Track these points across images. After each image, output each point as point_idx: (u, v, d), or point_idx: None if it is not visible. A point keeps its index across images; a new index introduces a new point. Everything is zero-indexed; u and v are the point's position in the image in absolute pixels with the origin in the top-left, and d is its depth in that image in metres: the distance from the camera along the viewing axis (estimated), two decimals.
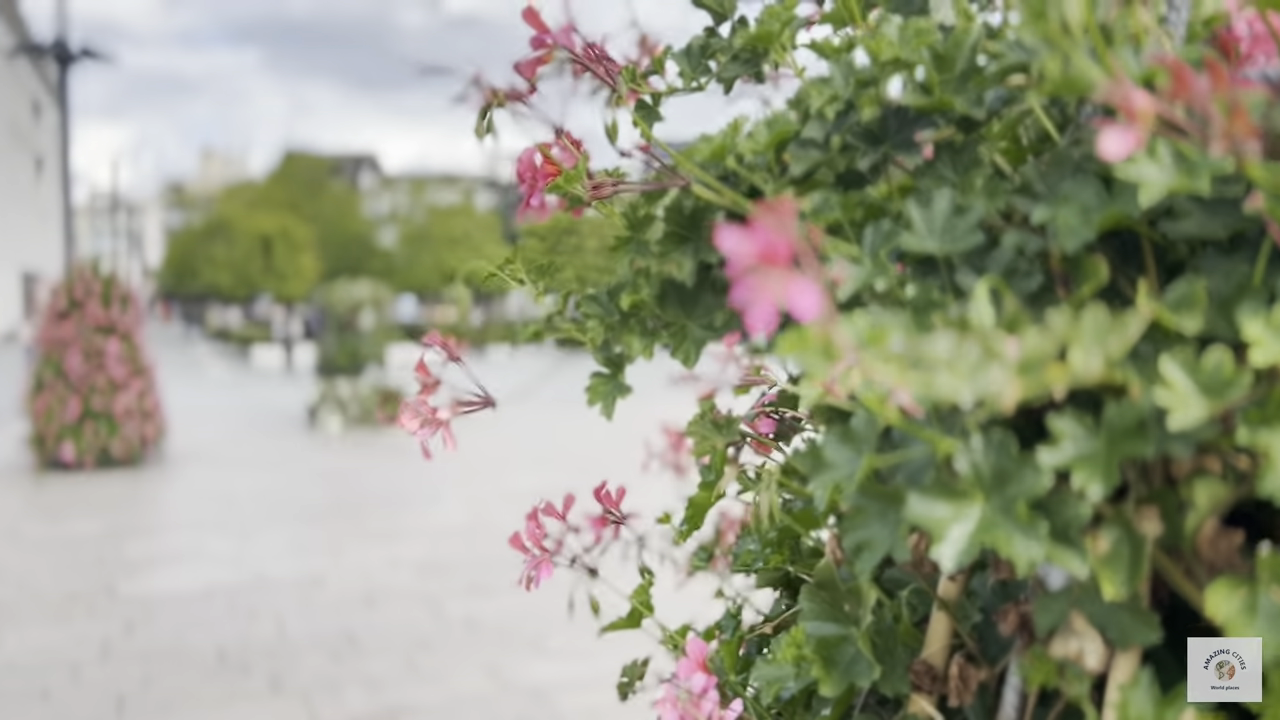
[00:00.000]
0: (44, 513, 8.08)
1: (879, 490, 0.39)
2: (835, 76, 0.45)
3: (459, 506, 8.35)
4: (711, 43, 0.52)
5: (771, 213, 0.27)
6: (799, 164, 0.44)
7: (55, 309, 9.83)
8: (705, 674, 0.51)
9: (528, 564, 0.70)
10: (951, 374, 0.28)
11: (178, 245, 50.09)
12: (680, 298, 0.49)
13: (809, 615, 0.49)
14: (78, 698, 4.33)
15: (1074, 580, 0.41)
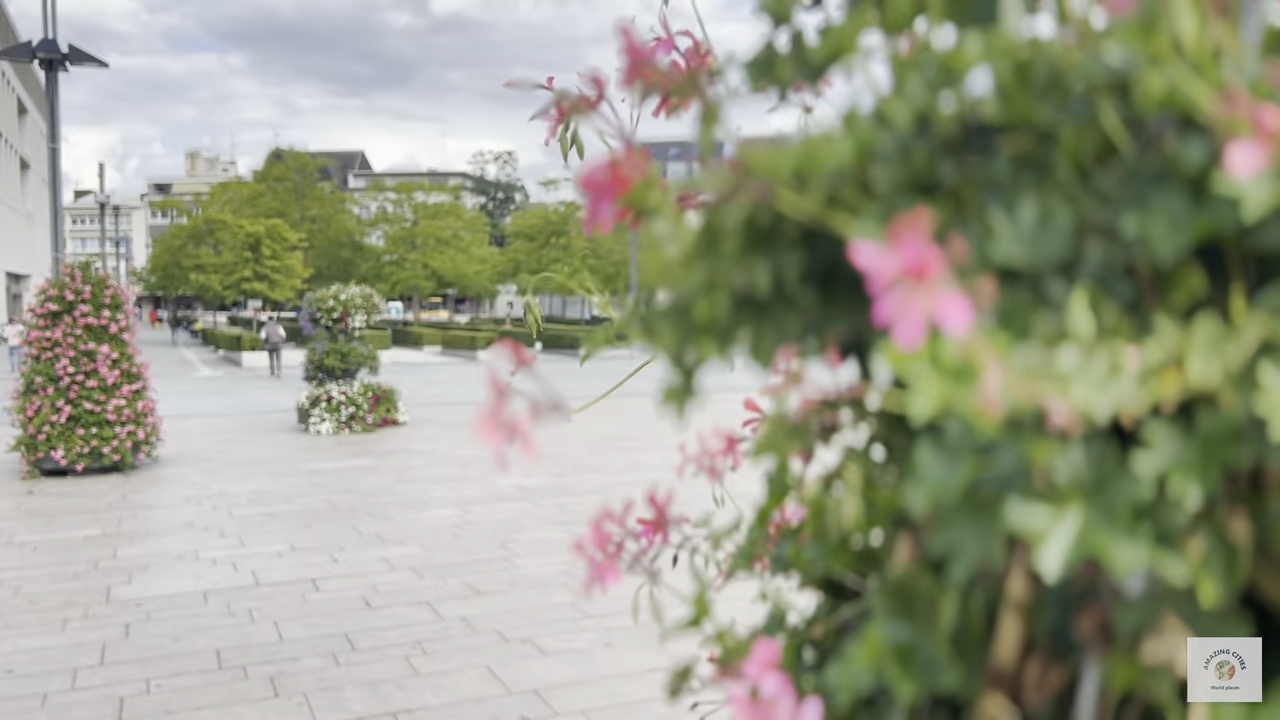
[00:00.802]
0: (36, 517, 8.04)
1: (974, 497, 0.40)
2: (912, 87, 0.46)
3: (450, 508, 8.34)
4: (775, 51, 0.53)
5: (910, 227, 0.28)
6: (883, 174, 0.45)
7: (45, 311, 9.76)
8: (778, 675, 0.51)
9: (591, 570, 0.69)
10: (1085, 386, 0.29)
11: (164, 248, 49.87)
12: (754, 307, 0.50)
13: (883, 617, 0.49)
14: (77, 702, 4.31)
15: (1157, 584, 0.42)
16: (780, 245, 0.49)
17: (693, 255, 0.50)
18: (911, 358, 0.33)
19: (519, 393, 0.59)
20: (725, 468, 1.04)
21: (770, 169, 0.45)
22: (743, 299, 0.49)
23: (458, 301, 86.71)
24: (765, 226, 0.49)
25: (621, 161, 0.53)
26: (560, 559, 6.71)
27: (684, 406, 0.52)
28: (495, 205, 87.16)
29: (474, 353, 33.22)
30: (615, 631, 5.27)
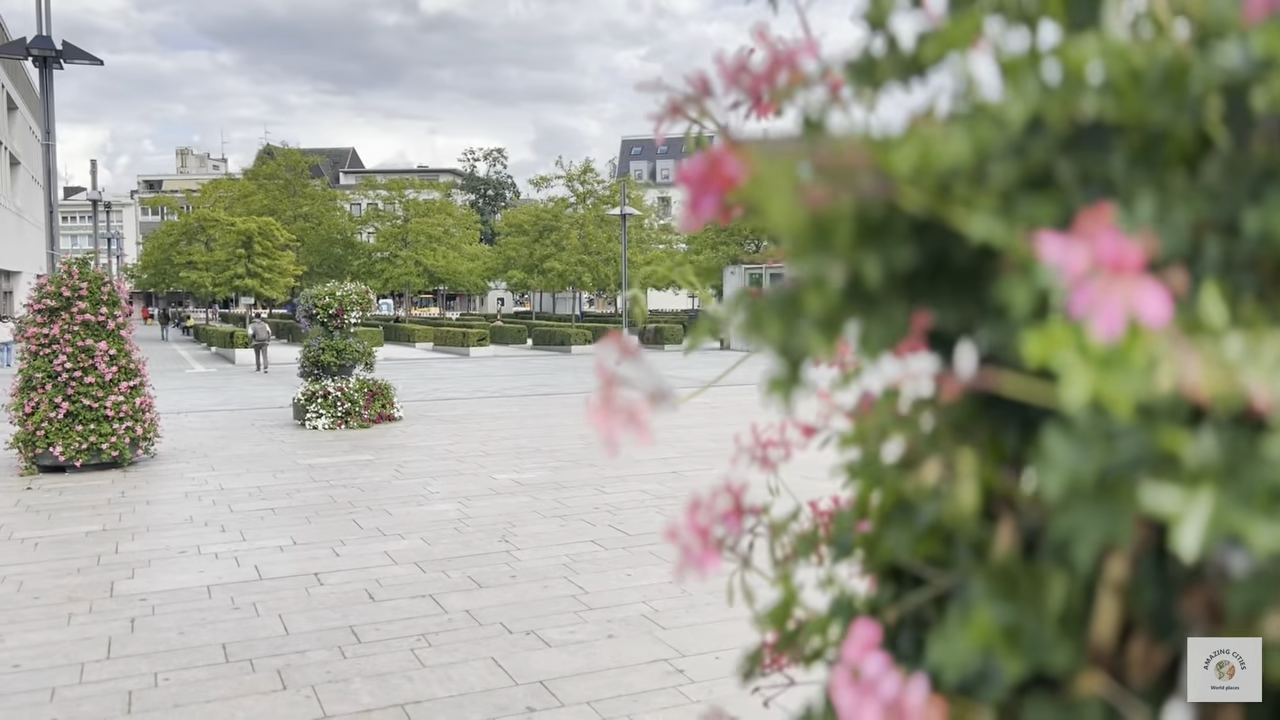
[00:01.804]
0: (35, 513, 8.03)
1: (1103, 481, 0.42)
2: (1026, 87, 0.48)
3: (449, 502, 8.36)
4: (877, 55, 0.55)
5: (1097, 221, 0.30)
6: (999, 171, 0.47)
7: (44, 308, 9.74)
8: (881, 655, 0.53)
9: (685, 556, 0.70)
10: (1259, 372, 0.31)
11: (156, 245, 49.65)
12: (863, 300, 0.52)
13: (986, 598, 0.51)
14: (86, 695, 4.32)
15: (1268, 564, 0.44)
16: (890, 238, 0.51)
17: (802, 248, 0.52)
18: (1061, 348, 0.35)
19: (628, 382, 0.61)
20: (778, 458, 1.06)
21: (892, 165, 0.47)
22: (851, 291, 0.51)
23: (448, 298, 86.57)
24: (877, 220, 0.51)
25: (727, 159, 0.55)
26: (560, 551, 6.73)
27: (789, 397, 0.54)
28: (485, 202, 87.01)
29: (465, 349, 33.15)
30: (616, 623, 5.30)
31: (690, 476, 9.49)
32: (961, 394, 0.51)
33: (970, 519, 0.50)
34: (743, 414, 15.17)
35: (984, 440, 0.62)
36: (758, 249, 47.45)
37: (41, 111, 18.77)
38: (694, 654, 4.81)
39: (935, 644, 0.54)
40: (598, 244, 46.73)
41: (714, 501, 0.74)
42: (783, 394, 0.54)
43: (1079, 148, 0.47)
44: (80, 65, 14.57)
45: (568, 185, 47.83)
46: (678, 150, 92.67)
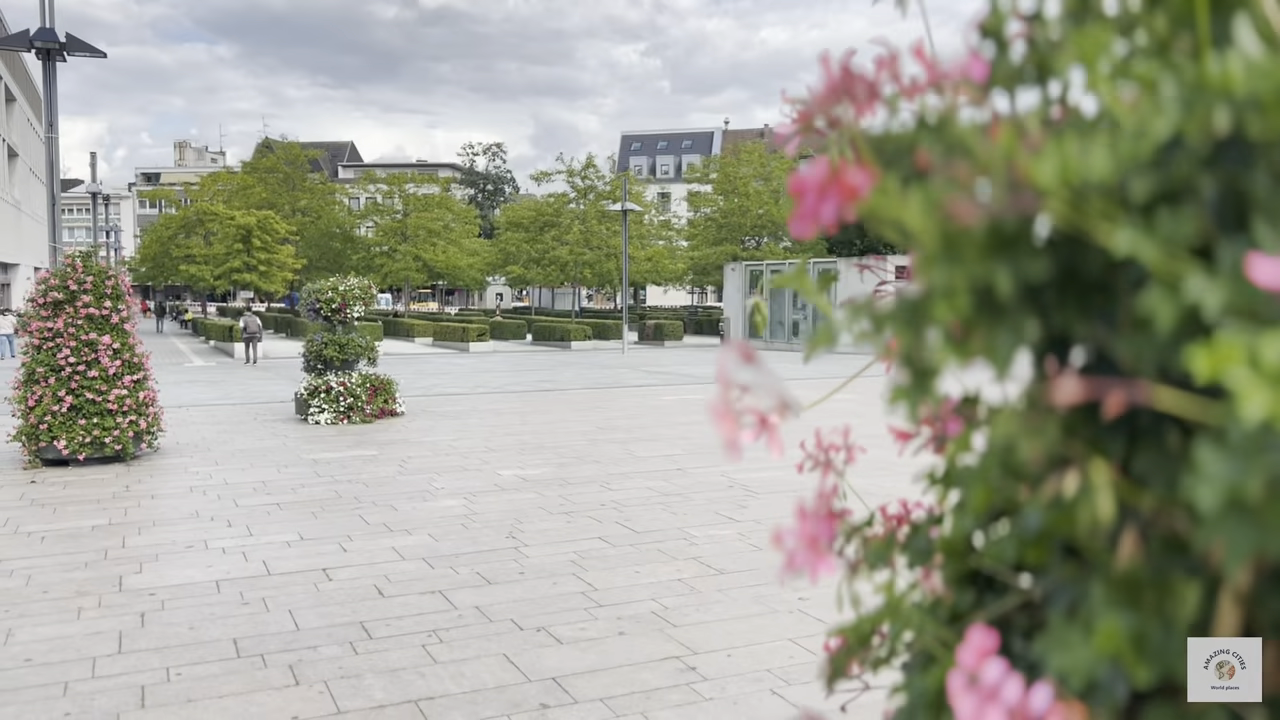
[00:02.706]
0: (40, 507, 8.03)
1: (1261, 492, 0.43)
2: (1167, 103, 0.48)
3: (455, 498, 8.37)
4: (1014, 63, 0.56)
5: None
6: (1141, 186, 0.48)
7: (48, 301, 9.73)
8: (1000, 661, 0.54)
9: (794, 561, 0.71)
10: None
11: (154, 238, 49.58)
12: (992, 310, 0.52)
13: (1109, 605, 0.52)
14: (99, 690, 4.33)
15: None
16: (1022, 250, 0.52)
17: (933, 257, 0.52)
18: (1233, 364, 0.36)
19: (750, 387, 0.62)
20: (841, 463, 1.07)
21: (1038, 179, 0.48)
22: (981, 301, 0.52)
23: (447, 293, 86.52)
24: (1010, 232, 0.52)
25: (849, 169, 0.56)
26: (568, 548, 6.75)
27: (916, 406, 0.55)
28: (484, 197, 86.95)
29: (465, 344, 33.15)
30: (627, 621, 5.31)
31: (695, 473, 9.50)
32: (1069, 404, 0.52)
33: (1107, 528, 0.51)
34: None
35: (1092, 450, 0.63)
36: (758, 245, 47.45)
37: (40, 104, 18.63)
38: (705, 652, 4.82)
39: (1055, 651, 0.55)
40: (599, 239, 46.72)
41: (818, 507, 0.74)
42: (908, 402, 0.55)
43: (1220, 163, 0.47)
44: (79, 58, 14.55)
45: (568, 180, 47.81)
46: (677, 146, 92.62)
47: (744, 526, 7.37)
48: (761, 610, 5.44)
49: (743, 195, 47.03)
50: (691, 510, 7.93)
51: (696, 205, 51.35)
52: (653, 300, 73.91)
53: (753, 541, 6.92)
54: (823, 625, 5.18)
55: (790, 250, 46.30)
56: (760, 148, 50.76)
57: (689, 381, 19.92)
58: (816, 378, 20.52)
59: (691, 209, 52.95)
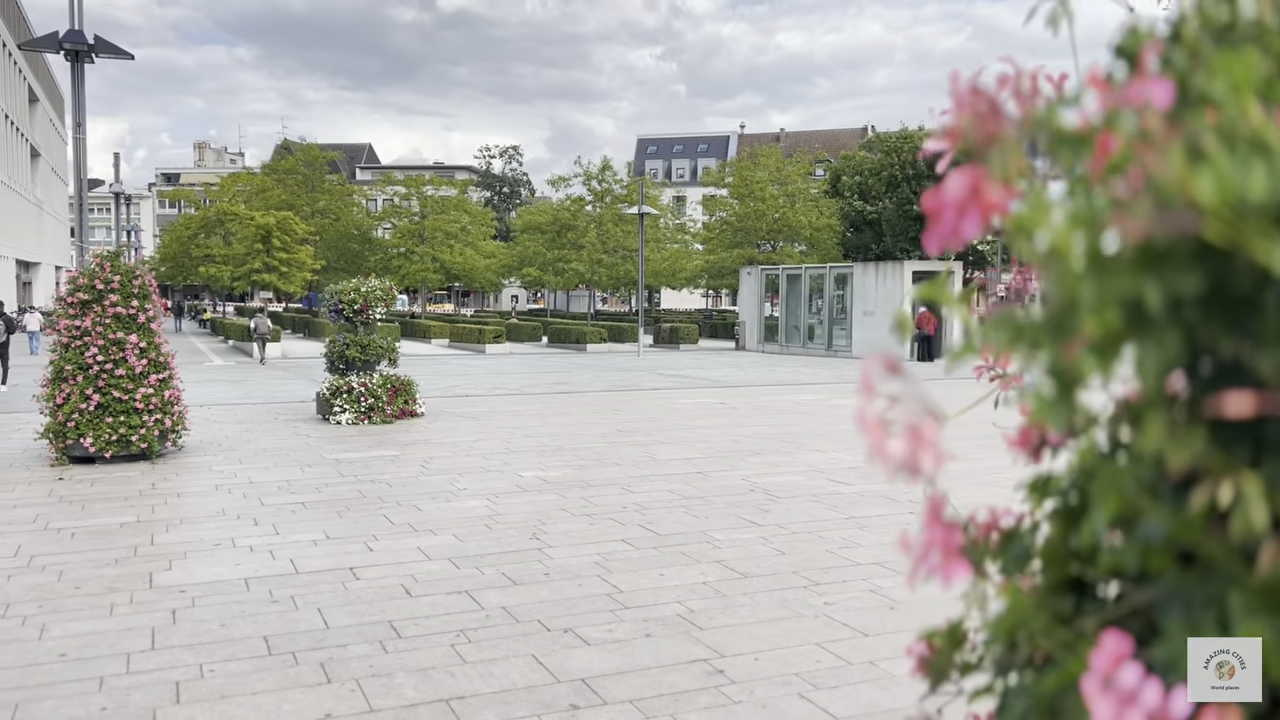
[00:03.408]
0: (69, 504, 8.12)
1: None
2: None
3: (478, 499, 8.41)
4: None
5: None
6: None
7: (76, 300, 9.83)
8: (1136, 665, 0.57)
9: (925, 565, 0.73)
10: None
11: (174, 238, 49.92)
12: (1142, 325, 0.55)
13: (1250, 613, 0.54)
14: (134, 685, 4.38)
15: None
16: (1173, 265, 0.54)
17: (1080, 272, 0.55)
18: None
19: (897, 398, 0.64)
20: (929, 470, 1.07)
21: (1202, 200, 0.50)
22: (1130, 316, 0.55)
23: (463, 294, 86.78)
24: (1161, 247, 0.54)
25: (990, 184, 0.59)
26: (592, 550, 6.77)
27: (1061, 417, 0.57)
28: (501, 199, 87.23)
29: (481, 346, 33.25)
30: (653, 623, 5.33)
31: (715, 477, 9.52)
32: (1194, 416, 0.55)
33: (1262, 538, 0.53)
34: (762, 415, 15.17)
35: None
36: (774, 249, 47.42)
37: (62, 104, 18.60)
38: (733, 655, 4.84)
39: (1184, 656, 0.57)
40: (615, 242, 46.79)
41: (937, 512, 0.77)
42: (1053, 415, 0.58)
43: None
44: (104, 59, 14.69)
45: (585, 184, 47.91)
46: (693, 150, 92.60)
47: (766, 530, 7.38)
48: (787, 614, 5.46)
49: (758, 199, 47.00)
50: (713, 513, 7.94)
51: (712, 209, 51.35)
52: (667, 303, 73.95)
53: (776, 545, 6.93)
54: (849, 630, 5.20)
55: (805, 255, 46.24)
56: (776, 152, 50.72)
57: (706, 385, 19.92)
58: (831, 383, 20.51)
59: (707, 213, 52.95)
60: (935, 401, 0.66)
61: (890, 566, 6.41)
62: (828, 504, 8.33)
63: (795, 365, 26.27)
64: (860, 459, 10.56)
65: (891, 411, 0.63)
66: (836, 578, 6.16)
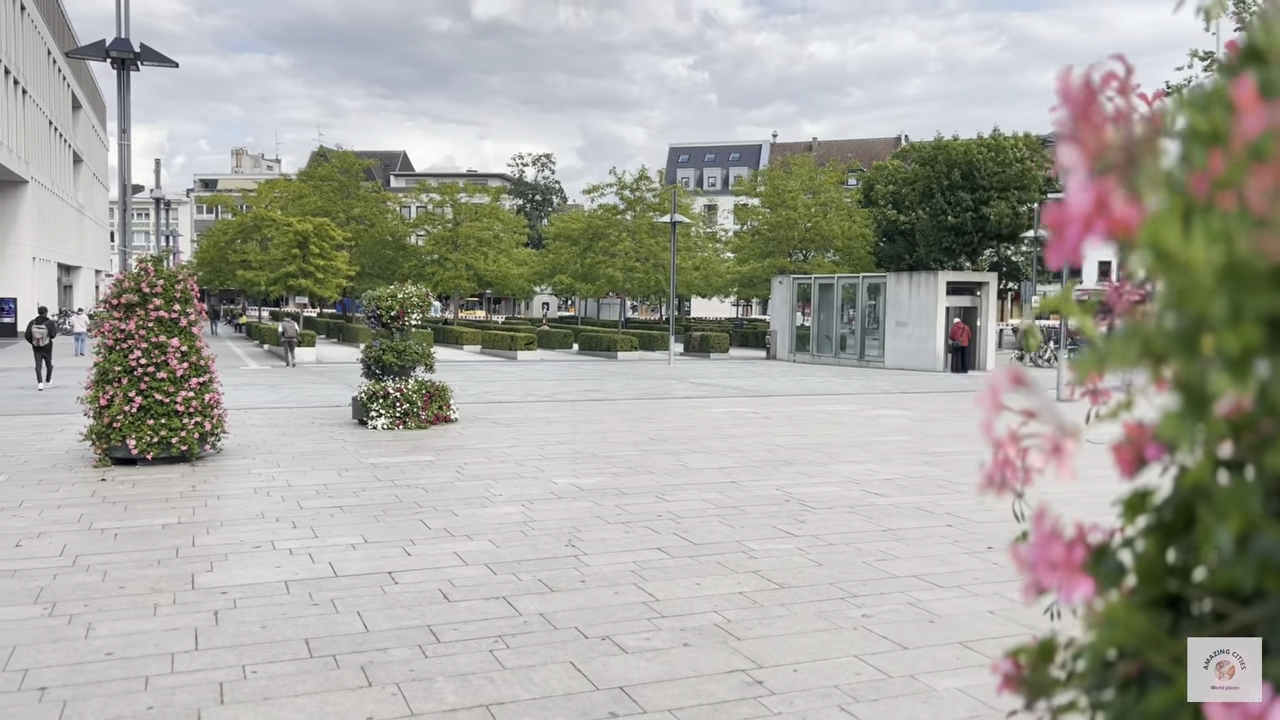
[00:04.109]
0: (112, 504, 8.24)
1: None
2: None
3: (513, 505, 8.44)
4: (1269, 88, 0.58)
5: None
6: None
7: (121, 304, 9.98)
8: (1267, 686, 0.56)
9: (1045, 581, 0.72)
10: None
11: (211, 243, 50.57)
12: (1276, 341, 0.54)
13: None
14: (179, 685, 4.43)
15: None
16: None
17: (1217, 286, 0.55)
18: None
19: (1033, 411, 0.64)
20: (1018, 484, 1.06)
21: None
22: (1269, 333, 0.54)
23: (494, 301, 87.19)
24: None
25: (1117, 201, 0.59)
26: (627, 558, 6.77)
27: (1190, 432, 0.57)
28: (533, 207, 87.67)
29: (513, 353, 33.37)
30: (690, 632, 5.32)
31: (750, 487, 9.49)
32: None
33: None
34: (795, 425, 15.11)
35: None
36: (805, 259, 47.27)
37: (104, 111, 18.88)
38: (771, 665, 4.82)
39: None
40: (647, 250, 46.84)
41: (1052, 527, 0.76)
42: (1182, 431, 0.57)
43: None
44: (148, 67, 14.94)
45: (619, 194, 48.04)
46: (724, 159, 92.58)
47: (802, 541, 7.35)
48: (826, 626, 5.43)
49: (791, 208, 46.88)
50: (748, 523, 7.92)
51: (744, 218, 51.28)
52: (697, 312, 73.88)
53: (812, 557, 6.90)
54: (889, 643, 5.16)
55: (837, 264, 46.06)
56: (809, 160, 50.59)
57: (737, 394, 19.87)
58: (864, 393, 20.40)
59: (738, 221, 52.89)
60: (1068, 417, 0.66)
61: (929, 579, 6.36)
62: (864, 515, 8.28)
63: (827, 375, 26.14)
64: (894, 471, 10.49)
65: (1026, 426, 0.63)
66: (874, 590, 6.12)
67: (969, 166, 44.51)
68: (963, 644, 5.17)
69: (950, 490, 9.51)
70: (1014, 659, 1.06)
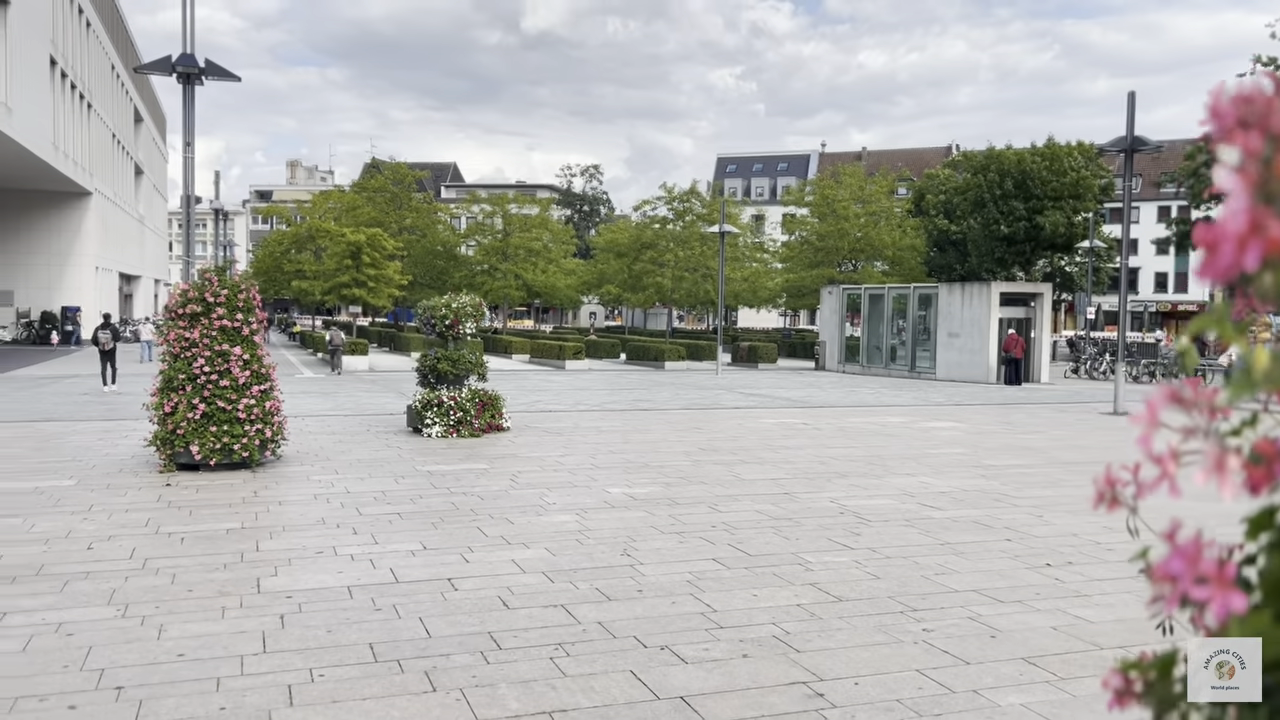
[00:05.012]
0: (177, 509, 8.43)
1: None
2: None
3: (567, 514, 8.49)
4: None
5: None
6: None
7: (187, 313, 10.22)
8: None
9: (1177, 590, 0.73)
10: None
11: (267, 252, 51.52)
12: None
13: None
14: (249, 687, 4.53)
15: None
16: None
17: None
18: None
19: (1190, 430, 0.66)
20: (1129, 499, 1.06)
21: None
22: None
23: (542, 311, 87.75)
24: None
25: (1273, 220, 0.60)
26: (683, 568, 6.78)
27: None
28: (581, 217, 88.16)
29: (561, 362, 33.53)
30: (749, 643, 5.32)
31: (803, 498, 9.45)
32: None
33: None
34: (847, 437, 15.01)
35: None
36: (855, 269, 46.95)
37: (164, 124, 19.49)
38: (832, 678, 4.80)
39: None
40: (696, 260, 46.88)
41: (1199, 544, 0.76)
42: None
43: None
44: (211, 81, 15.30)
45: (669, 206, 48.19)
46: (772, 169, 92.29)
47: (859, 554, 7.30)
48: (886, 639, 5.39)
49: (841, 218, 46.63)
50: (804, 535, 7.89)
51: (792, 228, 51.09)
52: (744, 322, 73.69)
53: (870, 570, 6.86)
54: (950, 657, 5.12)
55: (887, 274, 45.70)
56: (859, 170, 50.30)
57: (787, 405, 19.80)
58: (916, 405, 20.20)
59: (786, 232, 52.70)
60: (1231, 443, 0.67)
61: (988, 594, 6.29)
62: (920, 529, 8.21)
63: (877, 386, 25.94)
64: (949, 484, 10.39)
65: (1186, 443, 0.64)
66: (934, 604, 6.07)
67: (1022, 175, 43.92)
68: (1026, 660, 5.11)
69: (1008, 504, 9.39)
70: (1124, 673, 1.06)
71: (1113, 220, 60.18)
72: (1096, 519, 8.69)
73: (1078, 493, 10.06)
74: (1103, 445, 14.26)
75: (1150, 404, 0.64)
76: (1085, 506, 9.27)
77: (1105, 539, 7.94)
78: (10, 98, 30.12)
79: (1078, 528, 8.38)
